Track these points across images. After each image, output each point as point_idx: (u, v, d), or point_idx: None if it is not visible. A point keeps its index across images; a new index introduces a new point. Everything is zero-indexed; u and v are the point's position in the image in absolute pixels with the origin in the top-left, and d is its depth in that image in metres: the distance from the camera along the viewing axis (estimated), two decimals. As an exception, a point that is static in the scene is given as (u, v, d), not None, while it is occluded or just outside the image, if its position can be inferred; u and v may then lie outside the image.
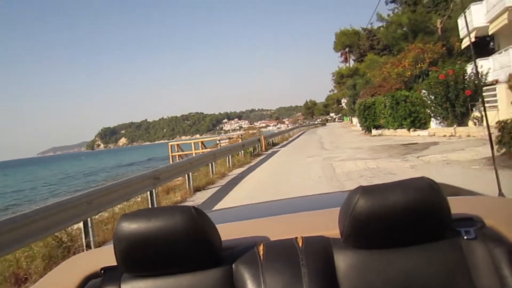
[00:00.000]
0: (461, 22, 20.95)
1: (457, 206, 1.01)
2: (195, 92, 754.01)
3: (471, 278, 0.90)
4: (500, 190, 1.43)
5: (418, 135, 16.48)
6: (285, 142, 25.92)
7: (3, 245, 3.74)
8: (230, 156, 13.41)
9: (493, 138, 10.17)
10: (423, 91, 16.79)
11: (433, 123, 16.61)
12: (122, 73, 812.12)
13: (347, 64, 55.71)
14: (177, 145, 21.43)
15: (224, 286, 0.94)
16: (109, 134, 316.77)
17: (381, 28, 39.04)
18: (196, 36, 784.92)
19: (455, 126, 14.38)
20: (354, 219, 0.91)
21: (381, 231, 0.92)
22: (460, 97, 13.95)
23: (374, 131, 21.57)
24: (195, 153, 17.83)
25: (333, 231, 1.02)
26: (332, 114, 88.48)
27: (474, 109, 14.05)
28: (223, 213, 1.96)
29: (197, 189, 9.21)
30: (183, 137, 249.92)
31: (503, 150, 8.37)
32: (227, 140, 21.53)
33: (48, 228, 4.43)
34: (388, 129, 19.73)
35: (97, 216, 5.56)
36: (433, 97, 15.29)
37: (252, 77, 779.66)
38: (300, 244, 0.99)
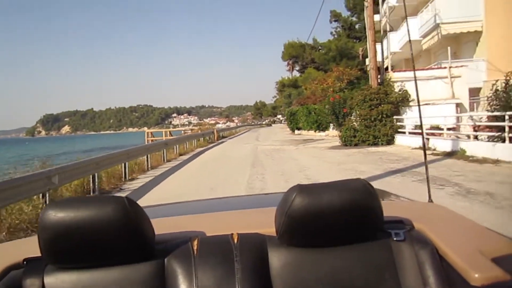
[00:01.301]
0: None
1: (389, 209, 1.05)
2: (144, 84, 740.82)
3: (398, 277, 0.95)
4: (429, 196, 1.50)
5: (319, 135, 24.97)
6: (232, 136, 33.79)
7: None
8: (195, 140, 20.91)
9: (337, 137, 18.37)
10: (326, 106, 25.24)
11: (331, 128, 25.08)
12: (69, 59, 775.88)
13: (290, 75, 63.77)
14: (151, 133, 28.74)
15: (155, 281, 0.93)
16: (51, 121, 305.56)
17: (319, 47, 48.08)
18: (147, 28, 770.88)
19: (338, 130, 22.87)
20: (289, 217, 0.92)
21: (316, 229, 0.94)
22: (341, 113, 22.41)
23: (296, 132, 30.05)
24: (165, 139, 25.05)
25: (269, 229, 1.02)
26: (279, 116, 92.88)
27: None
28: (159, 209, 1.93)
29: (180, 154, 16.55)
30: (130, 129, 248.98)
31: (342, 142, 16.71)
32: (189, 131, 29.17)
33: (144, 153, 11.65)
34: (304, 130, 28.14)
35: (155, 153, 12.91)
36: (327, 112, 23.75)
37: (203, 73, 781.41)
38: (235, 241, 0.99)
